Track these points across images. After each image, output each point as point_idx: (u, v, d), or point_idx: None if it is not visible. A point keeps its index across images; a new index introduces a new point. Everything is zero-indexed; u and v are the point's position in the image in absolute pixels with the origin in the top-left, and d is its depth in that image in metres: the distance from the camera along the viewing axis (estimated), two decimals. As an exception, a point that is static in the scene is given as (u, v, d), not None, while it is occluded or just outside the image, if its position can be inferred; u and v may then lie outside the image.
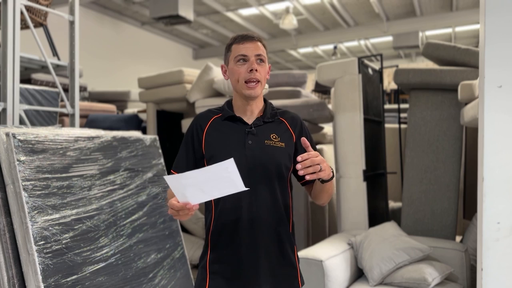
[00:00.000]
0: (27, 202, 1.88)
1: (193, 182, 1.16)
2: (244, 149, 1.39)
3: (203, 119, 1.48)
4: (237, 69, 1.41)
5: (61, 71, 3.38)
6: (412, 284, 2.39)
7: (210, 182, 1.17)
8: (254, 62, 1.40)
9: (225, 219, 1.40)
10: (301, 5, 8.64)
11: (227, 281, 1.39)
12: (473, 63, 2.99)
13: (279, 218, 1.41)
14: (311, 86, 10.54)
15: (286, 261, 1.43)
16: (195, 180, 1.16)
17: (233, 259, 1.39)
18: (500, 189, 1.41)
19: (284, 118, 1.49)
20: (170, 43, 11.07)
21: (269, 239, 1.39)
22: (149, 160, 2.72)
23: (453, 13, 8.81)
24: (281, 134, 1.45)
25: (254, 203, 1.38)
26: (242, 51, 1.40)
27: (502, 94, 1.41)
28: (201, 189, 1.18)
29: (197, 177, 1.16)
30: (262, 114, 1.47)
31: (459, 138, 3.04)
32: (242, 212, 1.38)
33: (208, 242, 1.44)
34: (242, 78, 1.40)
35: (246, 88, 1.40)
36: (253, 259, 1.38)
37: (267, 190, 1.39)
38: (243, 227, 1.38)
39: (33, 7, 2.98)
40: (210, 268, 1.42)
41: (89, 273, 2.03)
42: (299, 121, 1.50)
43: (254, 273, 1.38)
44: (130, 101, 5.86)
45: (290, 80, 3.73)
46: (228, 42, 1.48)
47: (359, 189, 3.10)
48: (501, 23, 1.41)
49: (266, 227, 1.39)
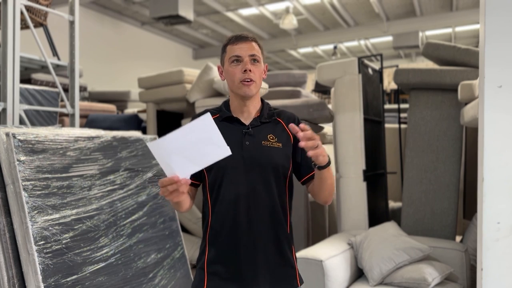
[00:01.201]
0: (27, 202, 1.88)
1: (177, 148, 1.14)
2: (241, 150, 1.39)
3: None
4: (232, 69, 1.42)
5: (61, 71, 3.38)
6: (412, 284, 2.39)
7: (193, 147, 1.15)
8: (248, 62, 1.40)
9: (223, 219, 1.40)
10: (301, 5, 8.64)
11: (225, 281, 1.39)
12: (473, 63, 2.99)
13: (276, 218, 1.41)
14: (311, 86, 10.54)
15: (285, 261, 1.43)
16: (178, 144, 1.13)
17: (232, 259, 1.39)
18: (500, 189, 1.41)
19: (281, 119, 1.49)
20: (170, 43, 11.07)
21: (267, 239, 1.39)
22: (149, 160, 2.72)
23: (453, 13, 8.81)
24: (278, 135, 1.45)
25: (252, 203, 1.38)
26: (236, 51, 1.41)
27: (502, 94, 1.41)
28: (186, 157, 1.15)
29: (179, 139, 1.13)
30: (259, 114, 1.47)
31: (459, 138, 3.04)
32: (240, 213, 1.38)
33: (206, 243, 1.43)
34: (237, 79, 1.40)
35: (242, 87, 1.40)
36: (251, 259, 1.38)
37: (264, 190, 1.39)
38: (241, 228, 1.38)
39: (33, 7, 2.98)
40: (208, 268, 1.41)
41: (89, 273, 2.03)
42: (296, 120, 1.50)
43: (252, 273, 1.38)
44: (130, 101, 5.86)
45: (290, 80, 3.73)
46: (224, 43, 1.48)
47: (359, 189, 3.10)
48: (501, 23, 1.41)
49: (264, 228, 1.39)
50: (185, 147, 1.15)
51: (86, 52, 6.82)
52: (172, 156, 1.15)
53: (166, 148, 1.14)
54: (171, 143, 1.14)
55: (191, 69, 4.08)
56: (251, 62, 1.41)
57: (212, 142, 1.15)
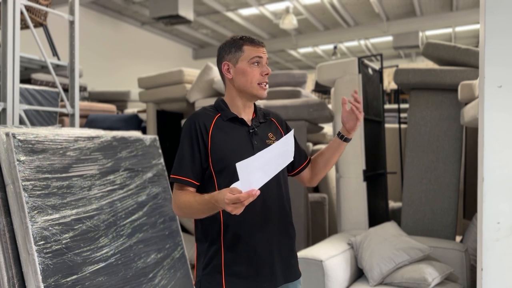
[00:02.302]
0: (27, 202, 1.88)
1: (260, 164, 1.16)
2: (252, 150, 1.40)
3: (205, 118, 1.43)
4: (251, 70, 1.43)
5: (61, 71, 3.38)
6: (412, 284, 2.39)
7: (273, 160, 1.19)
8: (266, 66, 1.46)
9: (238, 221, 1.37)
10: (301, 5, 8.64)
11: (244, 281, 1.37)
12: (473, 63, 2.99)
13: (286, 211, 1.48)
14: (311, 86, 10.54)
15: (293, 253, 1.50)
16: (263, 161, 1.16)
17: (251, 258, 1.38)
18: (500, 189, 1.41)
19: (272, 118, 1.57)
20: (170, 43, 11.07)
21: (280, 235, 1.45)
22: (149, 160, 2.72)
23: (453, 13, 8.81)
24: (275, 133, 1.53)
25: (265, 202, 1.41)
26: (258, 53, 1.44)
27: (502, 94, 1.41)
28: (264, 170, 1.18)
29: (265, 157, 1.16)
30: (255, 115, 1.52)
31: (459, 138, 3.04)
32: (255, 212, 1.39)
33: (221, 246, 1.39)
34: (256, 80, 1.43)
35: (259, 89, 1.44)
36: (268, 255, 1.41)
37: (275, 187, 1.45)
38: (256, 226, 1.40)
39: (33, 7, 2.98)
40: (227, 270, 1.37)
41: (89, 273, 2.03)
42: (282, 118, 1.62)
43: (271, 269, 1.41)
44: (130, 101, 5.86)
45: (290, 80, 3.73)
46: (235, 41, 1.45)
47: (359, 189, 3.10)
48: (501, 23, 1.41)
49: (277, 224, 1.44)
50: (266, 162, 1.18)
51: (86, 52, 6.82)
52: (255, 171, 1.16)
53: (254, 165, 1.15)
54: (258, 160, 1.16)
55: (191, 69, 4.08)
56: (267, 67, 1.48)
57: (286, 153, 1.22)
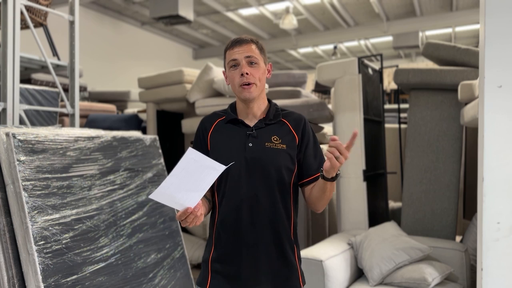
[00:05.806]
0: (27, 202, 1.88)
1: (176, 188, 1.19)
2: (244, 152, 1.40)
3: (208, 122, 1.52)
4: (231, 74, 1.44)
5: (61, 71, 3.38)
6: (412, 284, 2.39)
7: (190, 179, 1.20)
8: (245, 65, 1.40)
9: (227, 219, 1.42)
10: (301, 5, 8.64)
11: (227, 280, 1.42)
12: (473, 63, 2.99)
13: (279, 220, 1.41)
14: (311, 86, 10.54)
15: (287, 262, 1.44)
16: (175, 185, 1.19)
17: (234, 260, 1.41)
18: (500, 189, 1.41)
19: (287, 120, 1.48)
20: (170, 43, 11.07)
21: (269, 241, 1.41)
22: (149, 160, 2.72)
23: (453, 13, 8.80)
24: (283, 136, 1.44)
25: (254, 205, 1.39)
26: (232, 56, 1.43)
27: (502, 94, 1.41)
28: (188, 190, 1.20)
29: (174, 181, 1.18)
30: (265, 115, 1.47)
31: (459, 138, 3.04)
32: (243, 214, 1.40)
33: (212, 241, 1.47)
34: (237, 83, 1.42)
35: (242, 91, 1.42)
36: (253, 260, 1.40)
37: (267, 192, 1.40)
38: (244, 228, 1.40)
39: (33, 7, 2.98)
40: (212, 266, 1.45)
41: (89, 273, 2.03)
42: (302, 122, 1.49)
43: (254, 273, 1.40)
44: (130, 101, 5.86)
45: (290, 80, 3.73)
46: (225, 47, 1.50)
47: (359, 189, 3.10)
48: (501, 23, 1.41)
49: (266, 230, 1.40)
50: (183, 183, 1.20)
51: (86, 52, 6.82)
52: (175, 195, 1.20)
53: (167, 191, 1.19)
54: (170, 186, 1.19)
55: (191, 69, 4.08)
56: (248, 64, 1.41)
57: (205, 167, 1.21)
